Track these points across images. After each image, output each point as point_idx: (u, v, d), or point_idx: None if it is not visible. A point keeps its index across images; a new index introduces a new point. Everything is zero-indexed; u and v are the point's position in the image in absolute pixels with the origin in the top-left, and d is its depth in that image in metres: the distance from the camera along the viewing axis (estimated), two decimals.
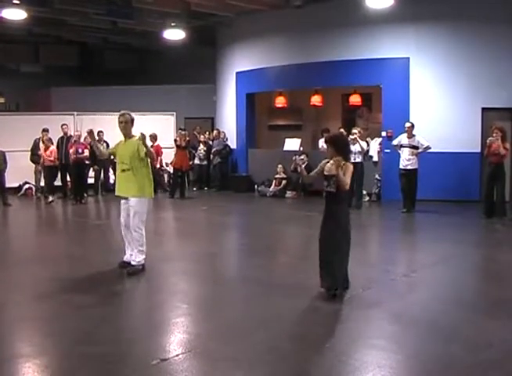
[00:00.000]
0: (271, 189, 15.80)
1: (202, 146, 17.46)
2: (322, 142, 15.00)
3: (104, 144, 15.77)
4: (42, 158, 14.81)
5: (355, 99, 16.63)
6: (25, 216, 13.32)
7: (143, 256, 7.22)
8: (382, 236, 10.74)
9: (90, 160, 15.19)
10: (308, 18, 14.98)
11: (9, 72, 21.44)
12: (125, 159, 7.20)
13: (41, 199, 15.22)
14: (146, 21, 16.55)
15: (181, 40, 16.93)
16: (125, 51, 22.95)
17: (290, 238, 10.52)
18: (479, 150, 13.30)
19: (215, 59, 19.00)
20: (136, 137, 7.26)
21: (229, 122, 17.95)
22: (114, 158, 8.33)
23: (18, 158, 14.81)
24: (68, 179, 15.28)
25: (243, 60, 17.18)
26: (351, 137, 12.98)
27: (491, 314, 5.57)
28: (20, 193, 15.92)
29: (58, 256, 8.33)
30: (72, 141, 14.85)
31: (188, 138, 15.92)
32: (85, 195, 14.85)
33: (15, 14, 14.07)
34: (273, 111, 18.42)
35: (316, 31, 15.01)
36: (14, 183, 15.42)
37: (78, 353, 4.59)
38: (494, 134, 11.18)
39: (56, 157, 14.76)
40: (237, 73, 17.41)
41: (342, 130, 14.38)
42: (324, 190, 6.14)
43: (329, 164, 6.06)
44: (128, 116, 7.24)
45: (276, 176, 15.89)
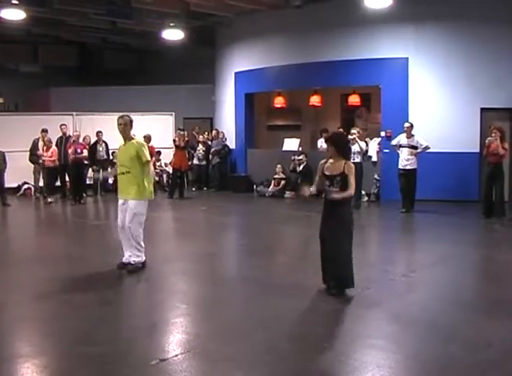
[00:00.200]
0: (270, 189, 15.80)
1: (201, 147, 17.46)
2: (321, 142, 15.03)
3: (103, 144, 15.80)
4: (43, 159, 14.81)
5: (354, 99, 16.63)
6: (24, 216, 13.31)
7: (143, 255, 7.25)
8: (381, 236, 10.74)
9: (89, 160, 15.20)
10: (307, 18, 14.97)
11: (8, 72, 21.42)
12: (125, 162, 7.18)
13: (40, 199, 15.21)
14: (145, 21, 16.54)
15: (180, 40, 16.92)
16: (124, 51, 22.93)
17: (289, 238, 10.52)
18: (478, 150, 13.30)
19: (214, 59, 18.99)
20: (136, 139, 7.25)
21: (228, 122, 17.94)
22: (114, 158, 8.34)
23: (17, 158, 14.77)
24: (67, 179, 15.28)
25: (242, 60, 17.17)
26: (350, 137, 12.99)
27: (490, 314, 5.58)
28: (19, 194, 15.90)
29: (57, 256, 8.33)
30: (71, 141, 14.84)
31: (187, 138, 15.91)
32: (84, 195, 14.85)
33: (14, 14, 14.04)
34: (272, 111, 18.42)
35: (315, 31, 15.00)
36: (13, 183, 15.39)
37: (77, 353, 4.59)
38: (493, 134, 11.20)
39: (57, 158, 14.76)
40: (236, 73, 17.40)
41: (341, 130, 14.40)
42: (326, 190, 6.08)
43: (329, 164, 6.04)
44: (127, 118, 7.21)
45: (275, 176, 15.89)
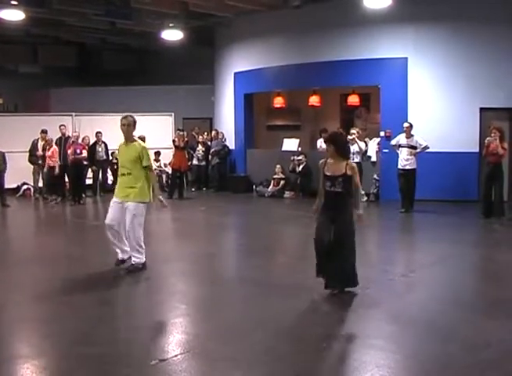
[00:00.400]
0: (269, 189, 15.80)
1: (200, 147, 17.45)
2: (320, 142, 14.99)
3: (102, 145, 15.81)
4: (44, 159, 14.77)
5: (354, 100, 16.63)
6: (23, 217, 13.31)
7: (143, 256, 7.24)
8: (380, 236, 10.73)
9: (88, 160, 15.19)
10: (307, 18, 14.97)
11: (8, 73, 21.40)
12: (126, 163, 7.16)
13: (40, 200, 15.21)
14: (145, 22, 16.53)
15: (179, 40, 16.91)
16: (124, 51, 22.93)
17: (289, 238, 10.52)
18: (477, 150, 13.29)
19: (213, 59, 18.99)
20: (138, 141, 7.24)
21: (228, 122, 17.94)
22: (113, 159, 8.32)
23: (16, 159, 14.77)
24: (66, 180, 15.28)
25: (242, 61, 17.17)
26: (349, 137, 13.01)
27: (489, 314, 5.58)
28: (19, 194, 15.89)
29: (56, 257, 8.33)
30: (70, 142, 14.83)
31: (186, 138, 15.92)
32: (83, 196, 14.85)
33: (13, 15, 14.03)
34: (271, 111, 18.42)
35: (314, 31, 15.00)
36: (12, 184, 15.39)
37: (77, 354, 4.59)
38: (492, 134, 11.19)
39: (58, 157, 14.73)
40: (235, 73, 17.40)
41: (341, 130, 14.38)
42: (326, 191, 6.03)
43: (329, 164, 6.00)
44: (131, 119, 7.16)
45: (275, 176, 15.89)
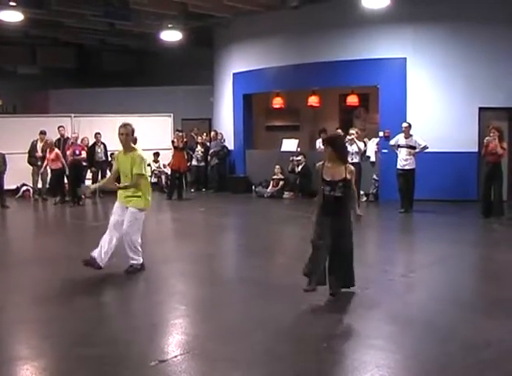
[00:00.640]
0: (268, 190, 15.80)
1: (199, 148, 17.45)
2: (319, 142, 15.03)
3: (102, 146, 15.80)
4: (46, 161, 14.76)
5: (353, 100, 16.62)
6: (23, 218, 13.31)
7: (140, 257, 7.27)
8: (380, 236, 10.74)
9: (87, 161, 15.19)
10: (305, 19, 14.98)
11: (6, 74, 21.39)
12: (126, 172, 7.21)
13: (39, 201, 15.21)
14: (143, 23, 16.54)
15: (178, 41, 16.91)
16: (122, 52, 22.93)
17: (288, 239, 10.52)
18: (476, 150, 13.29)
19: (212, 60, 18.99)
20: (137, 151, 7.21)
21: (227, 123, 17.94)
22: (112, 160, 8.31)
23: (15, 160, 14.76)
24: (66, 181, 15.26)
25: (240, 61, 17.18)
26: (348, 138, 13.00)
27: (488, 314, 5.58)
28: (18, 195, 15.88)
29: (56, 258, 8.32)
30: (69, 143, 14.84)
31: (185, 139, 15.91)
32: (82, 197, 14.83)
33: (11, 16, 14.04)
34: (270, 112, 18.42)
35: (313, 32, 15.01)
36: (12, 185, 15.38)
37: (76, 355, 4.58)
38: (491, 133, 11.19)
39: (62, 159, 14.66)
40: (234, 74, 17.40)
41: (340, 130, 14.39)
42: (325, 195, 5.93)
43: (327, 168, 5.94)
44: (130, 128, 7.15)
45: (274, 177, 15.89)
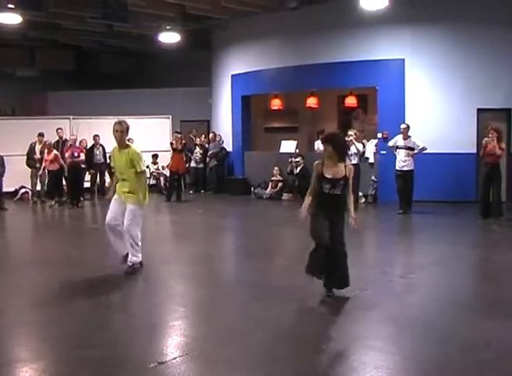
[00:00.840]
0: (267, 191, 15.80)
1: (198, 149, 17.46)
2: (318, 143, 15.04)
3: (100, 148, 15.80)
4: (44, 163, 14.76)
5: (351, 101, 16.65)
6: (22, 220, 13.30)
7: (140, 254, 7.30)
8: (379, 237, 10.75)
9: (86, 163, 15.18)
10: (303, 20, 14.99)
11: (5, 76, 21.40)
12: (121, 169, 7.23)
13: (38, 203, 15.20)
14: (142, 24, 16.55)
15: (176, 43, 16.92)
16: (121, 54, 22.93)
17: (287, 240, 10.51)
18: (475, 151, 13.32)
19: (211, 61, 19.00)
20: (132, 147, 7.23)
21: (225, 125, 17.94)
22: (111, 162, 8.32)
23: (14, 163, 14.74)
24: (64, 183, 15.26)
25: (239, 63, 17.18)
26: (347, 139, 13.01)
27: (487, 315, 5.58)
28: (16, 198, 15.88)
29: (55, 260, 8.31)
30: (68, 145, 14.83)
31: (184, 141, 15.91)
32: (82, 199, 14.83)
33: (10, 18, 14.03)
34: (269, 113, 18.44)
35: (311, 33, 15.02)
36: (10, 188, 15.38)
37: (76, 357, 4.58)
38: (490, 134, 11.19)
39: (60, 160, 14.65)
40: (233, 75, 17.41)
41: (339, 132, 14.38)
42: (325, 193, 5.94)
43: (328, 166, 5.94)
44: (125, 125, 7.16)
45: (273, 178, 15.89)
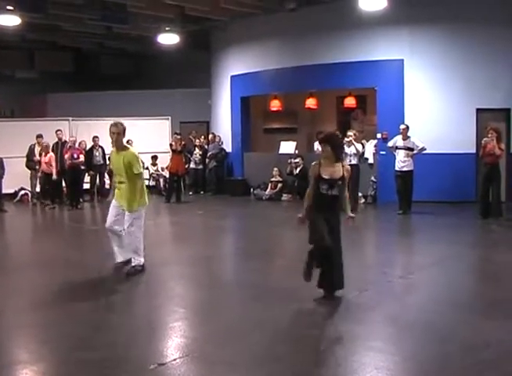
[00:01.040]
0: (267, 192, 15.80)
1: (197, 150, 17.46)
2: (317, 144, 14.97)
3: (100, 149, 15.79)
4: (40, 165, 14.76)
5: (350, 102, 16.66)
6: (21, 222, 13.29)
7: (142, 258, 7.31)
8: (378, 238, 10.75)
9: (85, 165, 15.18)
10: (302, 21, 15.00)
11: (4, 78, 21.42)
12: (119, 171, 7.21)
13: (37, 205, 15.20)
14: (141, 26, 16.57)
15: (175, 44, 16.93)
16: (120, 56, 22.95)
17: (286, 241, 10.50)
18: (474, 151, 13.33)
19: (210, 63, 19.00)
20: (130, 149, 7.22)
21: (224, 126, 17.95)
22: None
23: (13, 164, 14.74)
24: (64, 185, 15.25)
25: (238, 64, 17.19)
26: (346, 140, 13.01)
27: (487, 315, 5.58)
28: (16, 199, 15.87)
29: (54, 262, 8.30)
30: (67, 146, 14.82)
31: (183, 142, 15.91)
32: (81, 200, 14.83)
33: (9, 20, 14.05)
34: (268, 114, 18.44)
35: (310, 34, 15.03)
36: (10, 189, 15.38)
37: (75, 359, 4.57)
38: (489, 134, 11.19)
39: (56, 163, 14.64)
40: (232, 76, 17.42)
41: (337, 132, 14.38)
42: (322, 193, 5.92)
43: (325, 167, 5.94)
44: (121, 126, 7.13)
45: (272, 179, 15.90)
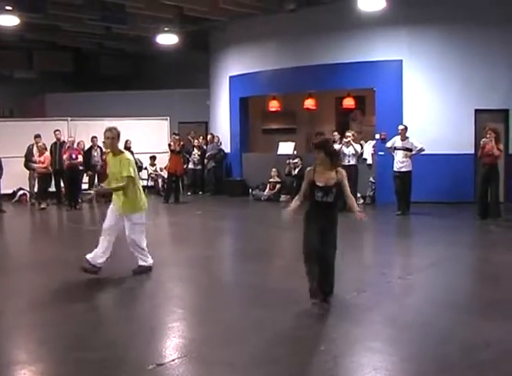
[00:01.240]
0: (265, 193, 15.80)
1: (196, 151, 17.46)
2: None
3: (98, 149, 15.77)
4: (33, 167, 14.76)
5: (349, 102, 16.66)
6: (20, 222, 13.28)
7: (148, 258, 7.42)
8: (377, 239, 10.75)
9: (84, 165, 15.17)
10: (301, 22, 15.00)
11: (3, 78, 21.40)
12: (116, 175, 7.20)
13: (36, 205, 15.18)
14: (140, 26, 16.57)
15: (174, 45, 16.93)
16: (119, 56, 22.95)
17: (285, 242, 10.49)
18: (473, 152, 13.35)
19: (209, 63, 19.01)
20: (124, 153, 7.22)
21: (223, 126, 17.95)
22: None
23: (12, 164, 14.72)
24: (62, 185, 15.24)
25: (237, 64, 17.19)
26: (345, 140, 13.04)
27: (486, 315, 5.58)
28: (14, 200, 15.86)
29: (53, 262, 8.29)
30: (66, 147, 14.81)
31: (182, 142, 15.91)
32: (79, 201, 14.81)
33: (8, 20, 14.04)
34: (267, 115, 18.44)
35: (309, 35, 15.03)
36: (8, 190, 15.36)
37: (74, 359, 4.58)
38: (487, 135, 11.20)
39: (49, 164, 14.70)
40: (231, 77, 17.42)
41: (336, 133, 14.42)
42: (317, 201, 5.87)
43: (319, 173, 5.83)
44: (115, 131, 7.12)
45: (270, 180, 15.90)
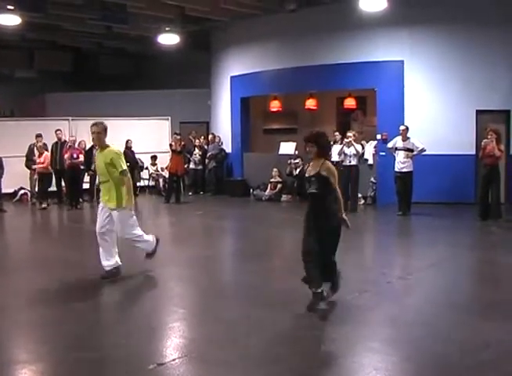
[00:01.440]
0: (266, 193, 15.80)
1: (197, 151, 17.45)
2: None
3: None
4: (33, 167, 14.77)
5: (350, 103, 16.65)
6: (20, 222, 13.28)
7: (149, 239, 7.51)
8: (378, 239, 10.75)
9: (85, 165, 15.17)
10: (302, 22, 15.00)
11: (3, 78, 21.39)
12: (101, 170, 7.15)
13: (36, 205, 15.19)
14: (141, 26, 16.56)
15: (175, 45, 16.93)
16: (120, 56, 22.93)
17: (286, 242, 10.49)
18: (474, 152, 13.33)
19: (210, 63, 19.01)
20: (112, 147, 7.14)
21: (224, 126, 17.95)
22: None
23: (13, 164, 14.73)
24: (63, 185, 15.24)
25: (238, 64, 17.19)
26: (346, 140, 13.04)
27: (486, 316, 5.58)
28: (15, 199, 15.87)
29: (54, 261, 8.30)
30: (67, 146, 14.82)
31: (183, 142, 15.91)
32: (80, 200, 14.83)
33: (9, 20, 14.04)
34: (268, 115, 18.44)
35: (310, 35, 15.03)
36: (9, 189, 15.37)
37: (74, 359, 4.58)
38: (489, 136, 11.19)
39: (49, 164, 14.70)
40: (232, 77, 17.42)
41: (337, 133, 14.43)
42: (308, 194, 5.85)
43: (310, 167, 5.88)
44: (102, 126, 7.10)
45: (272, 180, 15.90)
